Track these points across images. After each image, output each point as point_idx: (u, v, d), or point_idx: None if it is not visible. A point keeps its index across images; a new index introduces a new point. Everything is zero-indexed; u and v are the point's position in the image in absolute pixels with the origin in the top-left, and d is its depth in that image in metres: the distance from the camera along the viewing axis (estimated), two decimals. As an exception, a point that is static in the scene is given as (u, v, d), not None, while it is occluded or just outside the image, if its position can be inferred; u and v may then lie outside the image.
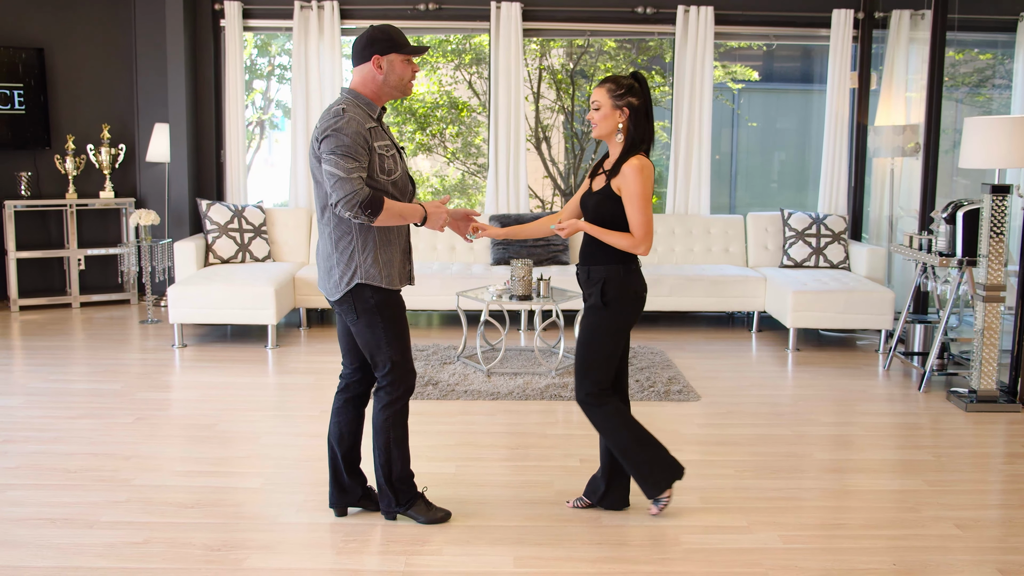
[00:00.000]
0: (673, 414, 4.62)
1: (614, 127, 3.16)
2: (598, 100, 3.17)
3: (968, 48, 7.40)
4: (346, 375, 3.30)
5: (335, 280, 3.06)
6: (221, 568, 2.96)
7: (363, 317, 3.07)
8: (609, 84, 3.16)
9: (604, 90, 3.15)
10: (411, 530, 3.23)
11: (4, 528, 3.23)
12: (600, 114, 3.16)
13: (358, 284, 3.04)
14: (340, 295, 3.06)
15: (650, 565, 3.01)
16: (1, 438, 4.15)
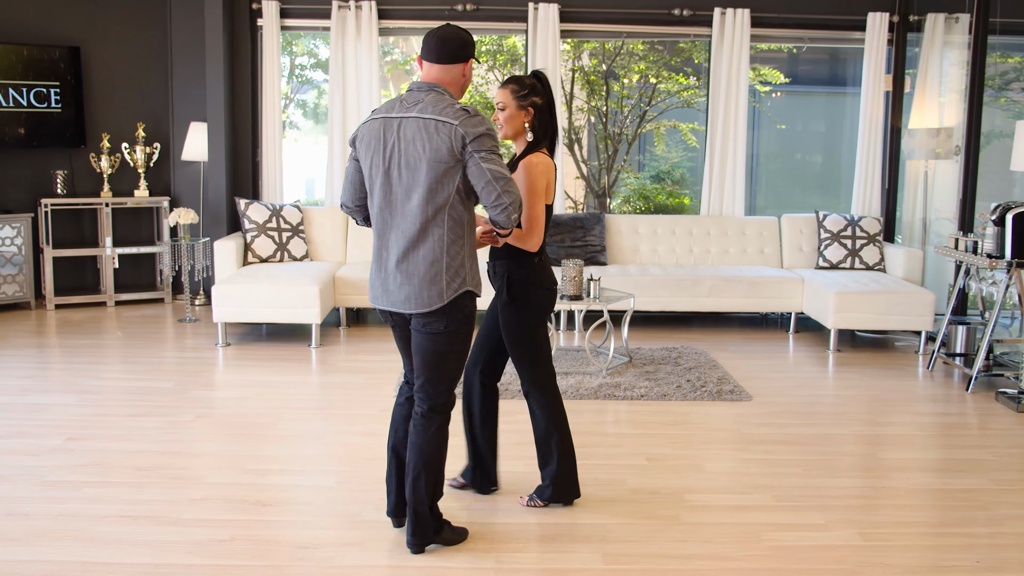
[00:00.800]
0: (729, 414, 4.65)
1: (521, 127, 3.22)
2: (503, 101, 3.20)
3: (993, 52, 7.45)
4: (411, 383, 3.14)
5: (440, 288, 2.85)
6: (312, 566, 2.97)
7: (453, 327, 2.91)
8: (512, 85, 3.20)
9: (508, 91, 3.19)
10: (495, 528, 3.25)
11: (87, 525, 3.23)
12: (506, 115, 3.20)
13: (464, 291, 2.91)
14: (442, 304, 2.86)
15: (739, 562, 3.04)
16: (65, 435, 4.15)
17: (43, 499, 3.45)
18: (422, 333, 2.92)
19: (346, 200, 3.04)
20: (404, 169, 2.81)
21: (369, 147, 2.86)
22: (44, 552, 3.03)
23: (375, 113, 2.92)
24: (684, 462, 3.96)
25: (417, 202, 2.81)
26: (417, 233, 2.82)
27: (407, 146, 2.80)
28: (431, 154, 2.78)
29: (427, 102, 2.81)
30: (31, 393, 4.84)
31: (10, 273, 6.77)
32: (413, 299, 2.87)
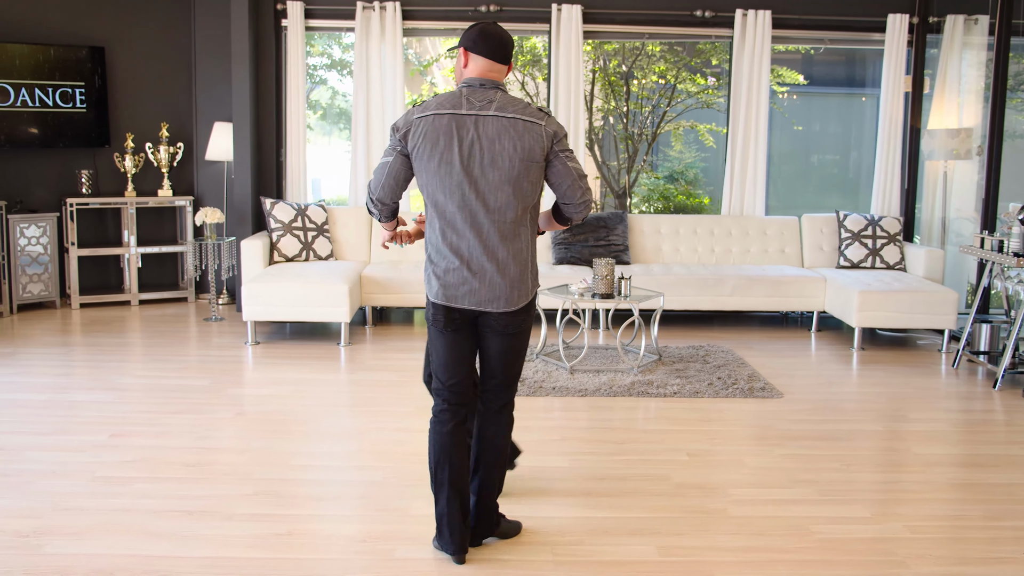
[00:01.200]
0: (761, 410, 4.70)
1: None
2: None
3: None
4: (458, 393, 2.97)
5: (526, 287, 2.87)
6: (373, 559, 3.01)
7: (528, 324, 2.96)
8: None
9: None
10: (547, 522, 3.29)
11: (144, 520, 3.27)
12: None
13: (536, 290, 2.99)
14: (527, 302, 2.89)
15: (791, 554, 3.09)
16: (109, 432, 4.19)
17: (97, 494, 3.48)
18: (503, 333, 2.92)
19: (384, 196, 2.90)
20: (489, 168, 2.78)
21: (437, 143, 2.77)
22: (104, 546, 3.06)
23: (438, 108, 2.80)
24: (724, 458, 4.01)
25: (506, 201, 2.80)
26: (508, 232, 2.82)
27: (491, 144, 2.76)
28: (523, 153, 2.78)
29: (502, 100, 2.81)
30: (69, 391, 4.88)
31: (36, 272, 6.79)
32: (503, 298, 2.85)
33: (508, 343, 2.94)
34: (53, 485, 3.56)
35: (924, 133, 6.87)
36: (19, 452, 3.91)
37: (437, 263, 2.86)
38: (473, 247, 2.82)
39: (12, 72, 6.60)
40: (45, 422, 4.33)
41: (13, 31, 6.73)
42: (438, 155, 2.78)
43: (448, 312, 2.89)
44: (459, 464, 2.94)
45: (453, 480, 2.93)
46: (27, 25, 6.80)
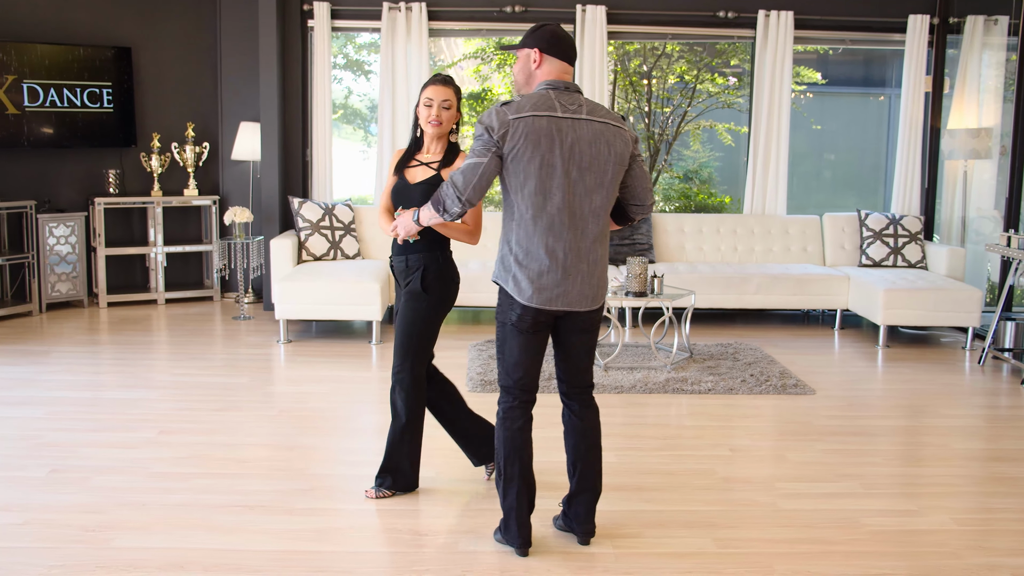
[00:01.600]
0: (796, 407, 4.76)
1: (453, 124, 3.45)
2: (450, 100, 3.37)
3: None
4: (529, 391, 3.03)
5: (605, 285, 3.03)
6: (438, 552, 3.07)
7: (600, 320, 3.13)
8: (454, 86, 3.41)
9: (453, 91, 3.39)
10: (602, 516, 3.34)
11: (205, 514, 3.32)
12: (450, 113, 3.38)
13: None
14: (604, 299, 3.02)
15: (845, 546, 3.15)
16: (157, 429, 4.24)
17: (155, 490, 3.54)
18: (586, 331, 3.01)
19: (473, 197, 2.84)
20: (586, 171, 2.83)
21: (538, 146, 2.78)
22: (172, 540, 3.11)
23: (534, 110, 2.80)
24: (766, 453, 4.08)
25: (600, 203, 2.87)
26: (598, 234, 2.90)
27: (588, 148, 2.82)
28: (616, 158, 2.87)
29: (588, 105, 2.88)
30: (110, 388, 4.93)
31: (64, 271, 6.83)
32: (590, 297, 2.92)
33: (589, 339, 3.04)
34: (111, 481, 3.61)
35: (944, 133, 6.95)
36: (72, 449, 3.96)
37: (527, 265, 2.87)
38: (570, 249, 2.86)
39: (41, 72, 6.64)
40: (93, 419, 4.38)
41: (42, 32, 6.78)
42: (539, 157, 2.80)
43: (537, 314, 2.91)
44: (529, 460, 3.02)
45: (524, 475, 3.00)
46: (55, 26, 6.84)
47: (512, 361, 2.99)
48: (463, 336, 6.30)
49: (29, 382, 5.00)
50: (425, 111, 3.35)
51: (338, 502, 3.46)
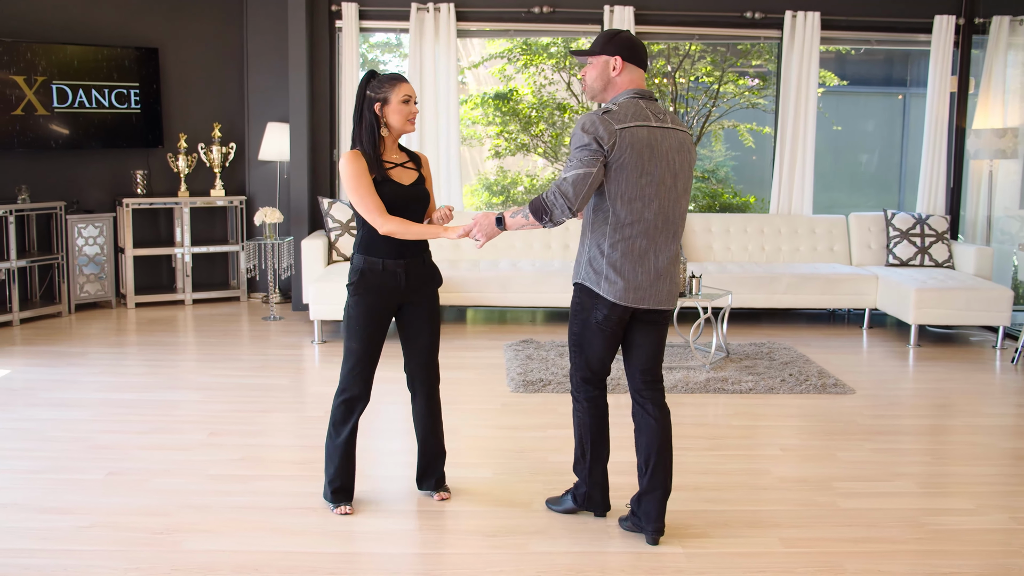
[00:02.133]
0: (838, 406, 4.79)
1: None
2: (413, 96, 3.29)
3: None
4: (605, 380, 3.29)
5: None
6: (508, 553, 3.09)
7: None
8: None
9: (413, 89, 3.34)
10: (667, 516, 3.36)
11: (271, 517, 3.33)
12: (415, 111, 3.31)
13: None
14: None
15: (910, 544, 3.18)
16: (206, 431, 4.24)
17: (217, 492, 3.54)
18: (661, 325, 3.15)
19: (581, 206, 2.90)
20: (677, 178, 3.02)
21: (642, 155, 2.90)
22: (241, 542, 3.12)
23: (635, 120, 2.90)
24: (816, 452, 4.10)
25: (684, 207, 3.09)
26: (678, 237, 3.10)
27: (676, 156, 3.00)
28: (692, 164, 3.11)
29: (667, 113, 3.05)
30: (153, 390, 4.92)
31: (92, 272, 6.83)
32: (675, 295, 3.15)
33: (662, 333, 3.18)
34: (170, 483, 3.62)
35: (969, 133, 6.99)
36: (125, 451, 3.97)
37: (623, 268, 2.98)
38: (661, 252, 3.03)
39: (70, 73, 6.63)
40: (141, 421, 4.38)
41: (70, 33, 6.76)
42: (642, 166, 2.92)
43: (624, 312, 3.05)
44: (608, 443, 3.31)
45: (606, 457, 3.29)
46: (83, 27, 6.83)
47: (596, 356, 3.15)
48: (496, 336, 6.31)
49: (71, 384, 5.00)
50: (405, 109, 3.22)
51: (403, 504, 3.47)
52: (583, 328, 3.12)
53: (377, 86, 3.23)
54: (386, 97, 3.21)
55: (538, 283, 6.30)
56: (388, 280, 3.29)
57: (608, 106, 2.97)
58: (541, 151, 8.46)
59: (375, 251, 3.26)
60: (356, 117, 3.27)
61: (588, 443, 3.26)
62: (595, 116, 2.92)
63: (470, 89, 8.93)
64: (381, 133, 3.25)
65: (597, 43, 3.06)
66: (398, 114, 3.22)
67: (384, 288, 3.29)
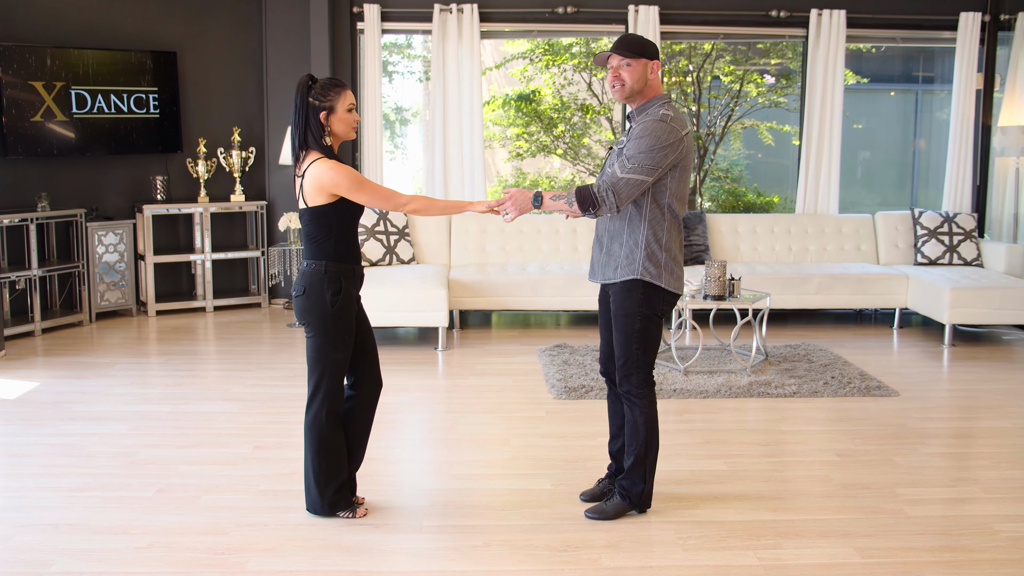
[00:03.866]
0: (885, 409, 4.73)
1: None
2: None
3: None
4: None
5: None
6: (578, 568, 3.02)
7: None
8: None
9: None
10: (736, 526, 3.30)
11: (332, 534, 3.24)
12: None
13: None
14: None
15: (987, 553, 3.12)
16: (251, 444, 4.15)
17: (271, 508, 3.46)
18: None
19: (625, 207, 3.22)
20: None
21: (691, 158, 3.27)
22: (306, 561, 3.04)
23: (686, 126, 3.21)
24: (873, 457, 4.04)
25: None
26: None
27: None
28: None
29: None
30: (188, 401, 4.83)
31: (113, 280, 6.72)
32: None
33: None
34: (223, 500, 3.53)
35: (996, 130, 6.95)
36: (172, 467, 3.88)
37: (677, 259, 3.26)
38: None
39: (89, 79, 6.52)
40: (181, 434, 4.29)
41: (88, 38, 6.65)
42: (691, 169, 3.26)
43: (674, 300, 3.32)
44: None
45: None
46: (101, 32, 6.71)
47: (655, 348, 3.30)
48: (526, 341, 6.23)
49: (102, 396, 4.90)
50: (349, 118, 3.18)
51: (466, 518, 3.38)
52: (647, 323, 3.23)
53: (321, 93, 3.15)
54: (332, 105, 3.15)
55: (569, 286, 6.23)
56: (358, 285, 3.32)
57: (666, 112, 3.12)
58: (560, 152, 8.39)
59: (347, 257, 3.24)
60: (301, 125, 3.16)
61: (654, 441, 3.32)
62: (668, 123, 3.10)
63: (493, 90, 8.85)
64: (325, 142, 3.17)
65: (633, 46, 3.15)
66: (343, 123, 3.19)
67: (355, 294, 3.31)
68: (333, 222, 3.19)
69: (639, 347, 3.23)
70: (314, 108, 3.14)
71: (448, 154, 6.90)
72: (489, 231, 6.78)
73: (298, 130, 3.17)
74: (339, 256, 3.21)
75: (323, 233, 3.20)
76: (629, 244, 3.18)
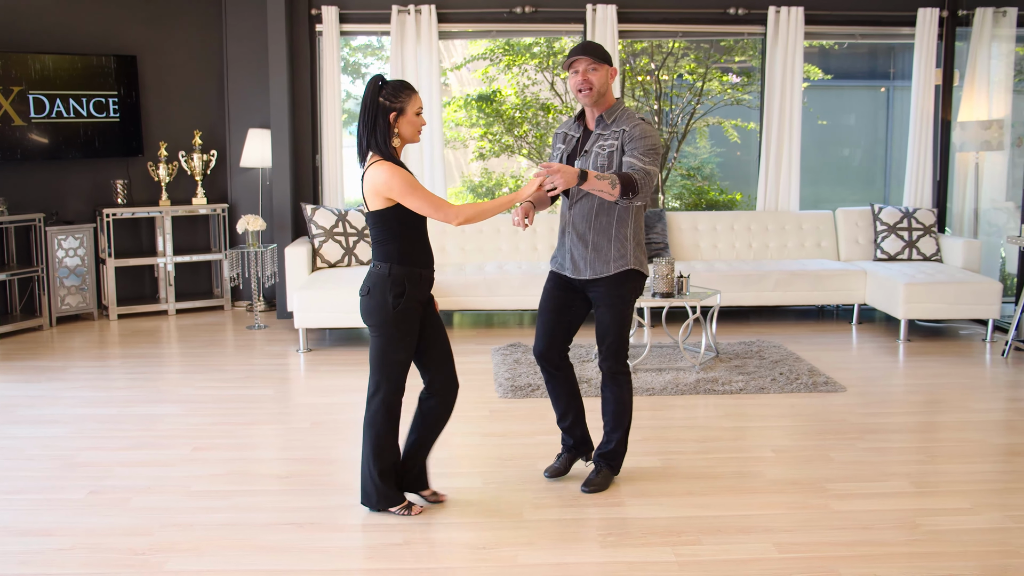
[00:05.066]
0: (830, 405, 4.75)
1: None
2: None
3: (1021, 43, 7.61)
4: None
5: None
6: (493, 565, 3.03)
7: None
8: None
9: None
10: (659, 522, 3.32)
11: (255, 533, 3.26)
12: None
13: None
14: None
15: (905, 547, 3.13)
16: (190, 446, 4.16)
17: (198, 509, 3.47)
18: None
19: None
20: None
21: None
22: (225, 561, 3.05)
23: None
24: (809, 452, 4.06)
25: None
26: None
27: None
28: None
29: None
30: (135, 404, 4.84)
31: (74, 284, 6.72)
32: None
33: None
34: (152, 501, 3.54)
35: (955, 125, 6.96)
36: (108, 468, 3.89)
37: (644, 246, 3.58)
38: None
39: (47, 83, 6.53)
40: (122, 436, 4.30)
41: (47, 42, 6.66)
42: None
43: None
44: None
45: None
46: (60, 36, 6.72)
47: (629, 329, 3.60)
48: (483, 340, 6.24)
49: (52, 399, 4.91)
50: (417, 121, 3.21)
51: (389, 517, 3.40)
52: (631, 307, 3.56)
53: (392, 95, 3.16)
54: (403, 107, 3.18)
55: (526, 285, 6.24)
56: (424, 289, 3.31)
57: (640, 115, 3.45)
58: (525, 152, 8.40)
59: (412, 261, 3.24)
60: (369, 125, 3.16)
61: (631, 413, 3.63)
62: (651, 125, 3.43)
63: (453, 91, 8.86)
64: (392, 143, 3.19)
65: (599, 52, 3.39)
66: (412, 125, 3.21)
67: (420, 297, 3.29)
68: (395, 225, 3.20)
69: (626, 329, 3.54)
70: (384, 109, 3.15)
71: (408, 154, 6.90)
72: (449, 231, 6.79)
73: (366, 130, 3.18)
74: (403, 259, 3.22)
75: (386, 236, 3.22)
76: (620, 238, 3.43)
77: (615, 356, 3.53)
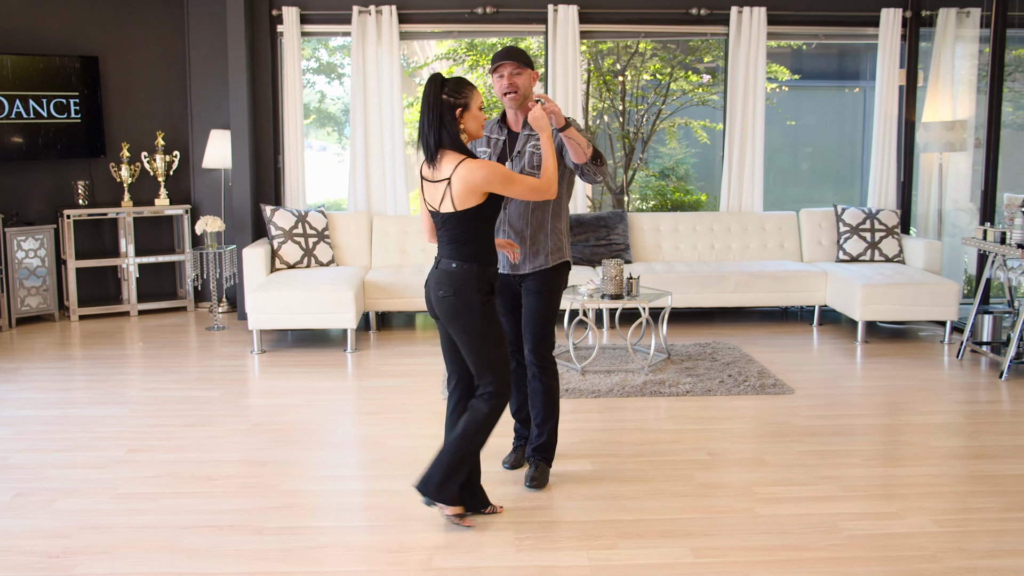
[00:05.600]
0: (775, 407, 4.73)
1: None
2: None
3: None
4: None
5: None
6: (405, 569, 3.01)
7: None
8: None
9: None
10: (578, 527, 3.30)
11: (172, 536, 3.25)
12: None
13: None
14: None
15: (822, 551, 3.12)
16: (126, 447, 4.15)
17: (121, 511, 3.46)
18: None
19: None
20: None
21: None
22: (138, 564, 3.04)
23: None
24: (745, 456, 4.04)
25: None
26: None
27: None
28: None
29: None
30: (79, 406, 4.83)
31: (34, 285, 6.71)
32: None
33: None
34: (77, 503, 3.53)
35: (919, 126, 6.94)
36: (38, 471, 3.87)
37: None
38: None
39: (5, 83, 6.52)
40: (60, 439, 4.29)
41: (5, 42, 6.65)
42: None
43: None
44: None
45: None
46: (19, 36, 6.71)
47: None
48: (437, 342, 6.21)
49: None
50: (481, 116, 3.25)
51: (310, 519, 3.39)
52: (558, 297, 3.64)
53: (456, 91, 3.13)
54: (467, 103, 3.15)
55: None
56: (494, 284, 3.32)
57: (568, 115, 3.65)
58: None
59: (491, 259, 3.26)
60: (435, 123, 3.11)
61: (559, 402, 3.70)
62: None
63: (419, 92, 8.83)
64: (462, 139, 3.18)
65: (523, 57, 3.47)
66: (476, 120, 3.19)
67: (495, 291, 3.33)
68: (480, 223, 3.19)
69: (555, 317, 3.64)
70: (449, 105, 3.10)
71: (369, 155, 6.89)
72: (410, 232, 6.78)
73: (432, 128, 3.12)
74: (484, 258, 3.22)
75: (469, 235, 3.19)
76: (556, 232, 3.58)
77: (547, 348, 3.63)
